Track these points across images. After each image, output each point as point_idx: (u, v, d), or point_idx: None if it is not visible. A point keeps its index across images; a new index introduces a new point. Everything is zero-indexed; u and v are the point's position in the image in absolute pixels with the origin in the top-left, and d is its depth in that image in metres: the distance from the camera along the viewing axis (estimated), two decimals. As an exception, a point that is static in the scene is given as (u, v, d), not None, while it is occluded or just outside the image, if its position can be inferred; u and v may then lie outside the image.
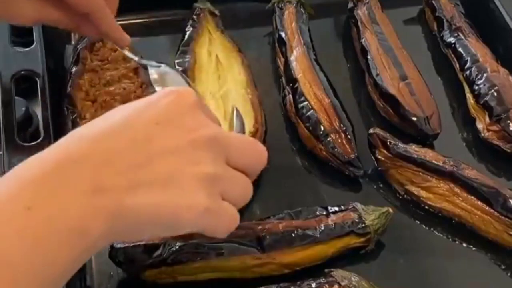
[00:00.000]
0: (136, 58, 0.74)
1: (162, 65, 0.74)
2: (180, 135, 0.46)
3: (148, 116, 0.46)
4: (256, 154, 0.52)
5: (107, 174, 0.43)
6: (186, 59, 0.80)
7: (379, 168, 0.73)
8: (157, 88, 0.71)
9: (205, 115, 0.49)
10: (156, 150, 0.45)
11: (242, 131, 0.63)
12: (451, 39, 0.85)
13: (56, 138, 0.47)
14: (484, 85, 0.79)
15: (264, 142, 0.73)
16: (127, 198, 0.43)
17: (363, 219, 0.66)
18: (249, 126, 0.72)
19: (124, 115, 0.46)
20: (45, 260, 0.41)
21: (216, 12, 0.85)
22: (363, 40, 0.84)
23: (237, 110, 0.64)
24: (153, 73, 0.73)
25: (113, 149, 0.44)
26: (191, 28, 0.83)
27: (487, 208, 0.68)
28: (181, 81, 0.73)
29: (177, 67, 0.79)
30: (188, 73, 0.78)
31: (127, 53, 0.73)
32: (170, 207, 0.45)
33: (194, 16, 0.84)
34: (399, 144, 0.72)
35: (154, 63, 0.74)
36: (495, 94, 0.77)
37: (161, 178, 0.45)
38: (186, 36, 0.82)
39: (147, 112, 0.47)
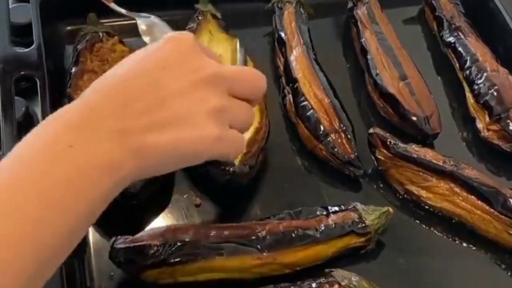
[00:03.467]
0: (124, 11, 0.75)
1: (151, 16, 0.75)
2: (185, 76, 0.51)
3: (153, 63, 0.51)
4: (256, 82, 0.57)
5: (127, 117, 0.48)
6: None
7: (379, 168, 0.73)
8: (145, 39, 0.74)
9: (205, 54, 0.53)
10: (166, 93, 0.50)
11: (245, 63, 0.67)
12: (451, 39, 0.86)
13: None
14: (484, 84, 0.79)
15: (267, 141, 0.73)
16: (148, 137, 0.48)
17: (363, 219, 0.66)
18: (252, 125, 0.72)
19: (133, 64, 0.51)
20: (86, 193, 0.46)
21: (218, 14, 0.84)
22: (362, 40, 0.84)
23: (240, 43, 0.67)
24: (141, 24, 0.76)
25: (127, 96, 0.49)
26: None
27: (487, 207, 0.68)
28: (170, 32, 0.73)
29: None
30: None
31: (114, 6, 0.75)
32: (187, 141, 0.50)
33: (195, 18, 0.83)
34: (399, 143, 0.72)
35: (143, 14, 0.75)
36: (495, 93, 0.77)
37: (175, 117, 0.50)
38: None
39: (153, 59, 0.51)
